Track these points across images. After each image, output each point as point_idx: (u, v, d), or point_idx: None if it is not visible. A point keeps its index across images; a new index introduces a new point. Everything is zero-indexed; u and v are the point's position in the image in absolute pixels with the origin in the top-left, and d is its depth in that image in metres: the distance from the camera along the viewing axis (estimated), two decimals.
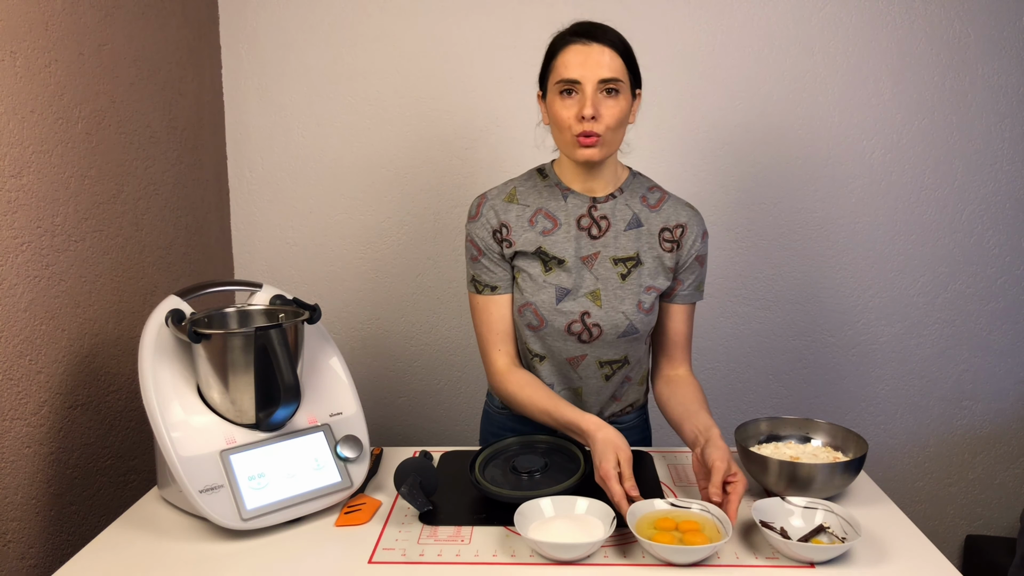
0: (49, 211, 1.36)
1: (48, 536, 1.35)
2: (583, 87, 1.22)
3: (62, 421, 1.38)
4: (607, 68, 1.22)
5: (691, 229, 1.36)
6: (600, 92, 1.22)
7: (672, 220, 1.35)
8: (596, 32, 1.24)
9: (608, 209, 1.34)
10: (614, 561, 1.05)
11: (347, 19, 2.05)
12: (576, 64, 1.22)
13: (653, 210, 1.35)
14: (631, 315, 1.33)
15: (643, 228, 1.35)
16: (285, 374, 1.13)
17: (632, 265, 1.34)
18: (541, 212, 1.35)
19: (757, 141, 2.07)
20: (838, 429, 1.31)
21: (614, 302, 1.33)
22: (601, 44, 1.22)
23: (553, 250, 1.33)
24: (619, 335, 1.34)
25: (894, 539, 1.11)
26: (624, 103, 1.24)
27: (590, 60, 1.22)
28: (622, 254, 1.34)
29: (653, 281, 1.35)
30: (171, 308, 1.20)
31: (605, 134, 1.24)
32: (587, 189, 1.34)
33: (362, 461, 1.25)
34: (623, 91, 1.24)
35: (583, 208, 1.34)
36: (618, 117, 1.24)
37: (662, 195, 1.37)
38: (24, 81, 1.29)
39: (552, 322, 1.34)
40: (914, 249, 2.12)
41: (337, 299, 2.18)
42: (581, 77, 1.22)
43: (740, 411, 2.21)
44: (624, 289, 1.33)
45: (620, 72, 1.23)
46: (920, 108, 2.05)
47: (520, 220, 1.34)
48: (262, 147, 2.11)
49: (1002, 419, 2.20)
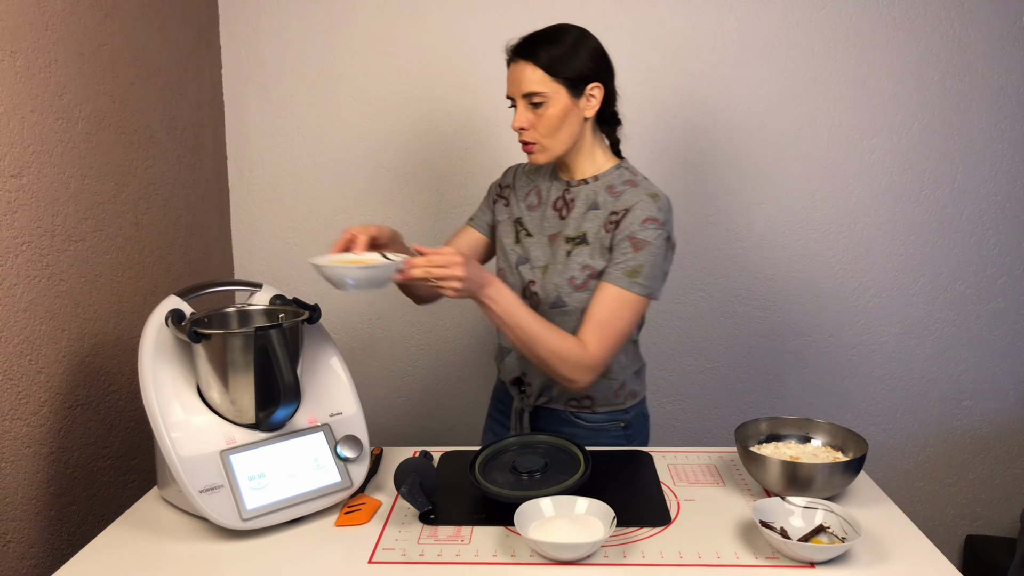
0: (49, 211, 1.36)
1: (48, 536, 1.35)
2: (517, 102, 1.36)
3: (62, 421, 1.38)
4: (527, 83, 1.33)
5: (634, 211, 1.34)
6: (528, 105, 1.35)
7: (622, 205, 1.36)
8: (524, 49, 1.35)
9: (577, 192, 1.43)
10: (614, 561, 1.05)
11: (347, 19, 2.05)
12: (509, 82, 1.37)
13: (613, 196, 1.39)
14: (562, 287, 1.39)
15: (599, 211, 1.40)
16: (285, 374, 1.13)
17: (577, 243, 1.40)
18: (535, 190, 1.50)
19: (757, 141, 2.07)
20: (838, 429, 1.31)
21: (553, 275, 1.41)
22: (525, 60, 1.33)
23: (528, 224, 1.48)
24: (550, 306, 1.41)
25: (894, 539, 1.11)
26: (553, 109, 1.33)
27: (516, 77, 1.35)
28: (574, 234, 1.41)
29: (591, 259, 1.38)
30: (171, 308, 1.20)
31: (541, 140, 1.36)
32: (567, 175, 1.46)
33: (362, 461, 1.25)
34: (549, 100, 1.33)
35: (560, 191, 1.46)
36: (548, 124, 1.34)
37: (631, 185, 1.39)
38: (24, 81, 1.29)
39: (513, 286, 1.46)
40: (914, 249, 2.12)
41: (337, 299, 2.18)
42: (512, 94, 1.37)
43: (740, 411, 2.21)
44: (565, 264, 1.40)
45: (541, 84, 1.32)
46: (920, 108, 2.05)
47: (520, 192, 1.52)
48: (262, 147, 2.11)
49: (1002, 419, 2.20)
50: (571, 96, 1.34)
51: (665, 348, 2.18)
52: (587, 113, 1.37)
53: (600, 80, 1.36)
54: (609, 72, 1.39)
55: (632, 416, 1.52)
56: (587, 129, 1.40)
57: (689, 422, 2.22)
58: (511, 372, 1.52)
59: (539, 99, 1.33)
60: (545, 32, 1.35)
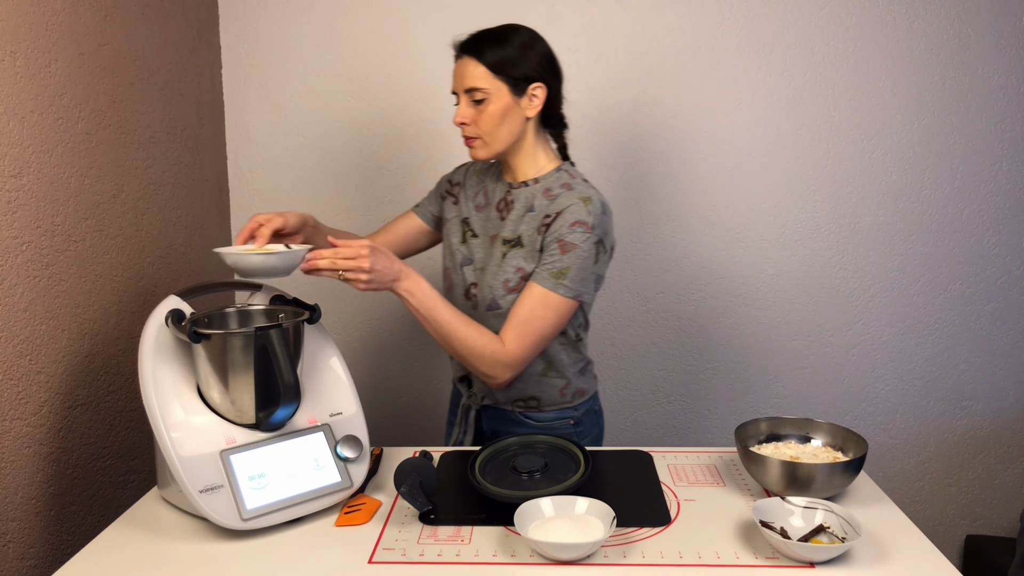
0: (49, 211, 1.36)
1: (48, 536, 1.35)
2: (460, 97, 1.38)
3: (62, 421, 1.38)
4: (469, 78, 1.35)
5: (564, 215, 1.34)
6: (470, 101, 1.36)
7: (555, 208, 1.37)
8: (469, 45, 1.37)
9: (517, 194, 1.45)
10: (614, 561, 1.05)
11: (347, 19, 2.05)
12: (454, 77, 1.39)
13: (548, 199, 1.40)
14: (496, 289, 1.41)
15: (534, 214, 1.41)
16: (285, 374, 1.13)
17: (512, 246, 1.41)
18: (483, 190, 1.51)
19: (757, 141, 2.07)
20: (838, 429, 1.31)
21: (489, 277, 1.43)
22: (468, 56, 1.36)
23: (474, 224, 1.49)
24: (486, 308, 1.42)
25: (894, 539, 1.11)
26: (494, 106, 1.35)
27: (459, 72, 1.37)
28: (510, 236, 1.43)
29: (524, 263, 1.40)
30: (171, 308, 1.20)
31: (482, 136, 1.38)
32: (511, 176, 1.47)
33: (362, 461, 1.25)
34: (490, 96, 1.35)
35: (503, 192, 1.47)
36: (488, 120, 1.36)
37: (566, 188, 1.39)
38: (24, 81, 1.29)
39: (456, 286, 1.49)
40: (914, 249, 2.12)
41: (337, 299, 2.18)
42: (455, 89, 1.39)
43: (740, 411, 2.21)
44: (500, 267, 1.42)
45: (482, 80, 1.34)
46: (920, 108, 2.05)
47: (470, 191, 1.53)
48: (262, 147, 2.11)
49: (1002, 419, 2.20)
50: (512, 94, 1.35)
51: (665, 348, 2.18)
52: (529, 113, 1.38)
53: (544, 81, 1.37)
54: (555, 75, 1.40)
55: (581, 413, 1.52)
56: (529, 129, 1.41)
57: (689, 422, 2.22)
58: (458, 370, 1.55)
59: (480, 95, 1.34)
60: (493, 30, 1.37)
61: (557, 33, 2.03)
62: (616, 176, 2.10)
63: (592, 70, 2.04)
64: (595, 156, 2.09)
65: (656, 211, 2.11)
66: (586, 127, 2.07)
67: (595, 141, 2.08)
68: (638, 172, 2.09)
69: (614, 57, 2.04)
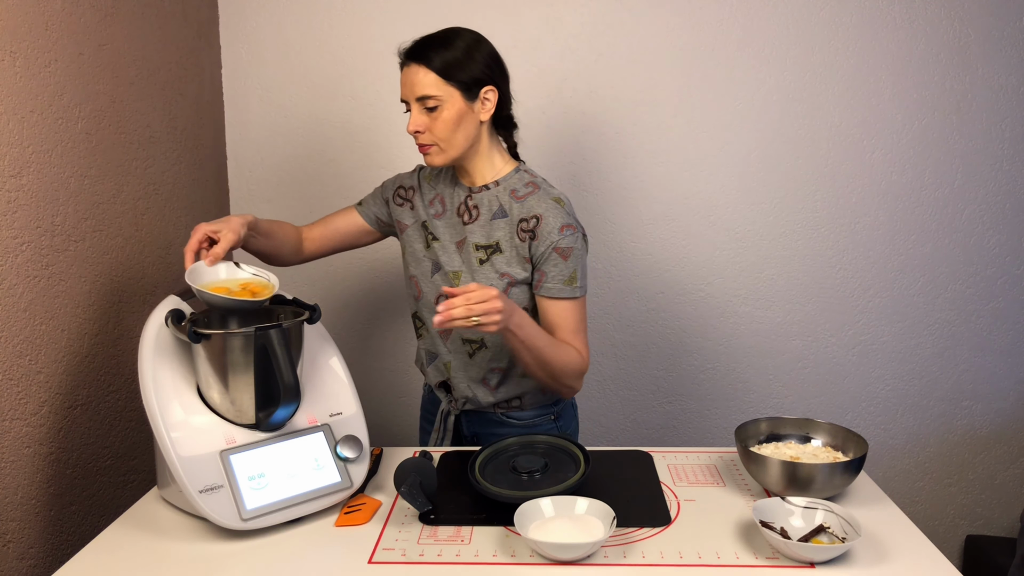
0: (49, 211, 1.36)
1: (48, 536, 1.35)
2: (411, 106, 1.37)
3: (62, 421, 1.38)
4: (420, 86, 1.33)
5: (547, 220, 1.37)
6: (422, 108, 1.35)
7: (530, 211, 1.39)
8: (415, 51, 1.35)
9: (480, 199, 1.44)
10: (614, 561, 1.05)
11: (347, 19, 2.05)
12: (403, 85, 1.37)
13: (518, 201, 1.41)
14: None
15: (507, 218, 1.41)
16: (285, 374, 1.13)
17: (491, 252, 1.42)
18: (438, 197, 1.50)
19: (756, 141, 2.07)
20: (838, 429, 1.31)
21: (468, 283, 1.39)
22: (417, 64, 1.34)
23: (435, 230, 1.47)
24: None
25: (894, 539, 1.11)
26: (448, 112, 1.34)
27: (409, 80, 1.35)
28: (484, 241, 1.42)
29: (508, 268, 1.40)
30: (171, 308, 1.20)
31: (437, 142, 1.37)
32: (468, 180, 1.46)
33: (362, 461, 1.25)
34: (443, 103, 1.34)
35: (462, 197, 1.46)
36: (443, 127, 1.35)
37: (533, 189, 1.42)
38: (24, 81, 1.29)
39: (427, 293, 1.48)
40: (914, 249, 2.12)
41: (337, 299, 2.18)
42: (406, 97, 1.37)
43: (740, 411, 2.21)
44: (479, 273, 1.42)
45: (434, 87, 1.33)
46: (920, 108, 2.05)
47: (425, 197, 1.51)
48: (262, 147, 2.11)
49: (1002, 419, 2.20)
50: (465, 99, 1.35)
51: (665, 348, 2.18)
52: (482, 116, 1.38)
53: (494, 83, 1.38)
54: (503, 76, 1.41)
55: (560, 408, 1.55)
56: (483, 132, 1.41)
57: (689, 422, 2.22)
58: (436, 377, 1.54)
59: (433, 102, 1.33)
60: (438, 36, 1.36)
61: (557, 33, 2.03)
62: (616, 176, 2.10)
63: (592, 70, 2.04)
64: (595, 156, 2.09)
65: (656, 211, 2.11)
66: (585, 127, 2.07)
67: (595, 141, 2.08)
68: (638, 172, 2.09)
69: (614, 57, 2.04)
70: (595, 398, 2.21)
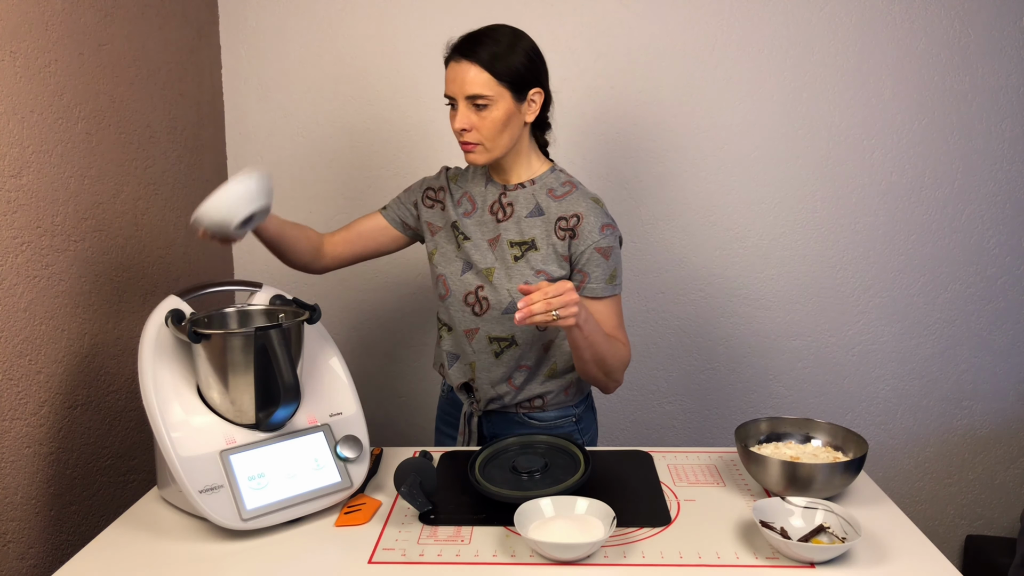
0: (49, 211, 1.36)
1: (48, 536, 1.35)
2: (458, 102, 1.34)
3: (62, 421, 1.38)
4: (471, 85, 1.31)
5: (587, 219, 1.38)
6: (471, 106, 1.33)
7: (570, 210, 1.40)
8: (467, 48, 1.33)
9: (515, 196, 1.44)
10: (614, 561, 1.05)
11: (347, 19, 2.05)
12: (450, 81, 1.35)
13: (556, 200, 1.42)
14: (515, 293, 1.40)
15: (543, 216, 1.42)
16: (285, 374, 1.13)
17: (526, 249, 1.41)
18: (467, 195, 1.49)
19: (757, 141, 2.07)
20: (838, 429, 1.31)
21: (503, 280, 1.41)
22: (469, 61, 1.32)
23: (466, 229, 1.46)
24: (503, 311, 1.41)
25: (894, 539, 1.11)
26: (497, 112, 1.33)
27: (459, 77, 1.33)
28: (518, 238, 1.42)
29: (545, 266, 1.40)
30: (171, 308, 1.20)
31: (483, 141, 1.35)
32: (503, 179, 1.46)
33: (362, 461, 1.25)
34: (493, 103, 1.32)
35: (495, 195, 1.46)
36: (491, 127, 1.34)
37: (570, 188, 1.43)
38: (24, 81, 1.29)
39: (455, 292, 1.46)
40: (914, 249, 2.12)
41: (337, 299, 2.18)
42: (453, 94, 1.35)
43: (740, 411, 2.21)
44: (514, 270, 1.41)
45: (486, 87, 1.31)
46: (920, 108, 2.05)
47: (453, 197, 1.50)
48: (262, 147, 2.11)
49: (1002, 419, 2.20)
50: (515, 100, 1.34)
51: (665, 348, 2.18)
52: (528, 118, 1.38)
53: (541, 86, 1.38)
54: (547, 77, 1.41)
55: (581, 410, 1.55)
56: (525, 133, 1.41)
57: (689, 422, 2.22)
58: (459, 378, 1.52)
59: (484, 101, 1.32)
60: (491, 34, 1.35)
61: (557, 33, 2.03)
62: (615, 176, 2.10)
63: (592, 70, 2.04)
64: (594, 156, 2.09)
65: (656, 211, 2.11)
66: (585, 127, 2.07)
67: (594, 141, 2.08)
68: (637, 172, 2.09)
69: (614, 57, 2.04)
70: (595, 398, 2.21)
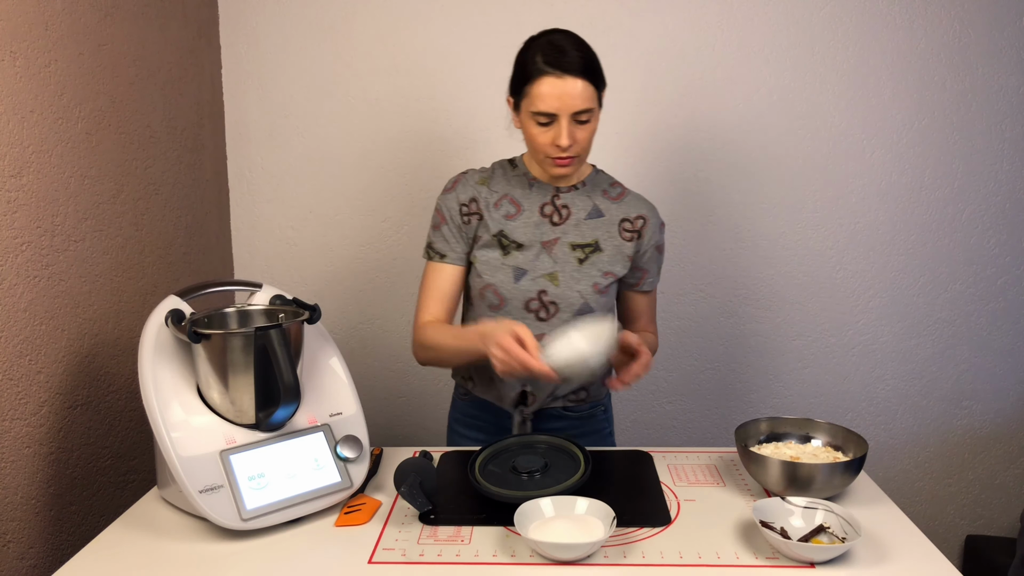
0: (49, 211, 1.36)
1: (48, 536, 1.35)
2: (559, 119, 1.29)
3: (62, 421, 1.38)
4: (580, 100, 1.27)
5: (651, 221, 1.46)
6: (573, 122, 1.29)
7: (632, 212, 1.45)
8: (566, 62, 1.27)
9: (569, 199, 1.44)
10: (614, 561, 1.05)
11: (347, 19, 2.05)
12: (551, 98, 1.27)
13: (614, 202, 1.45)
14: (587, 294, 1.40)
15: (604, 218, 1.44)
16: (285, 374, 1.13)
17: (590, 251, 1.42)
18: (507, 198, 1.43)
19: (757, 141, 2.07)
20: (838, 429, 1.31)
21: (571, 282, 1.41)
22: (574, 77, 1.26)
23: (513, 235, 1.41)
24: (575, 312, 1.41)
25: (894, 539, 1.11)
26: (595, 123, 1.33)
27: (565, 94, 1.26)
28: (581, 240, 1.42)
29: (611, 267, 1.43)
30: (171, 308, 1.20)
31: (580, 154, 1.35)
32: (552, 180, 1.43)
33: (362, 461, 1.25)
34: (593, 115, 1.32)
35: (547, 197, 1.43)
36: (589, 138, 1.34)
37: (622, 190, 1.48)
38: (24, 81, 1.29)
39: (511, 300, 1.41)
40: (914, 249, 2.12)
41: (337, 299, 2.18)
42: (557, 111, 1.28)
43: (740, 411, 2.21)
44: (581, 271, 1.41)
45: (591, 100, 1.29)
46: (920, 108, 2.05)
47: (487, 202, 1.43)
48: (262, 147, 2.11)
49: (1002, 419, 2.20)
50: (599, 109, 1.35)
51: (665, 348, 2.18)
52: None
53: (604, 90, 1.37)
54: None
55: (606, 400, 1.60)
56: None
57: (689, 422, 2.22)
58: (514, 388, 1.46)
59: (587, 116, 1.30)
60: (576, 42, 1.31)
61: None
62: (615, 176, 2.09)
63: None
64: (593, 156, 2.08)
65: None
66: None
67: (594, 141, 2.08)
68: (637, 172, 2.09)
69: (614, 57, 2.04)
70: None
